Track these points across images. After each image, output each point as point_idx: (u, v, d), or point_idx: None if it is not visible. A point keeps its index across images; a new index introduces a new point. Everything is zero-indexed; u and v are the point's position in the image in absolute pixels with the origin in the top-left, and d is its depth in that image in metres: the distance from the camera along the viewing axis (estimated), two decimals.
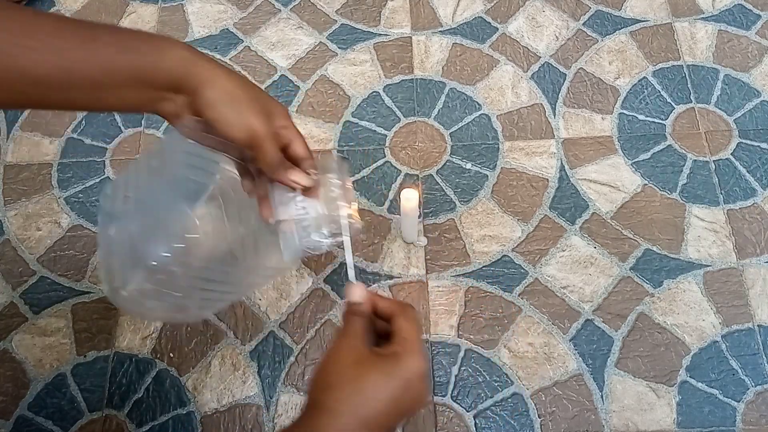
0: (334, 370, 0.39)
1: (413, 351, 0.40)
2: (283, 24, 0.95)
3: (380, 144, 0.85)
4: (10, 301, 0.77)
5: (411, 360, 0.39)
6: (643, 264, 0.76)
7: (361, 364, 0.39)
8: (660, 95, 0.87)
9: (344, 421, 0.37)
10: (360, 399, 0.38)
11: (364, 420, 0.37)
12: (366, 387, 0.38)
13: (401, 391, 0.38)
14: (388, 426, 0.39)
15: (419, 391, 0.40)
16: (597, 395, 0.70)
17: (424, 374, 0.40)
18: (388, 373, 0.39)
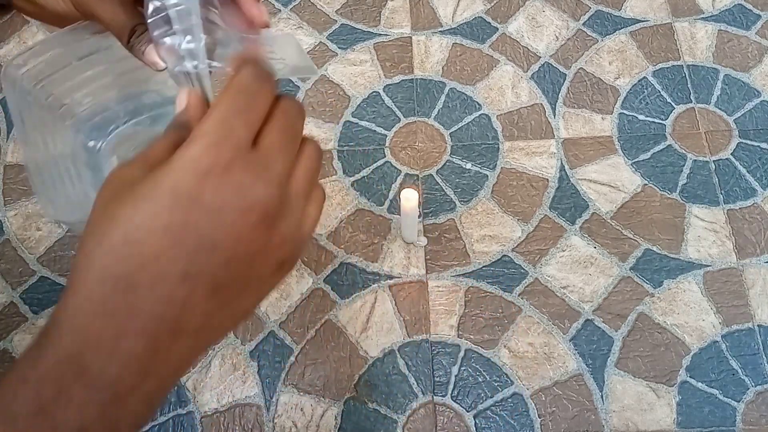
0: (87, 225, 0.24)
1: (193, 139, 0.23)
2: (283, 24, 0.95)
3: (380, 144, 0.85)
4: (10, 301, 0.77)
5: (183, 155, 0.22)
6: (643, 264, 0.76)
7: (115, 199, 0.23)
8: (660, 95, 0.87)
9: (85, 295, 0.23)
10: (103, 252, 0.22)
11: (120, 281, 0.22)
12: (111, 230, 0.22)
13: (174, 213, 0.22)
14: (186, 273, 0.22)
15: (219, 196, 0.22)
16: (597, 395, 0.70)
17: (217, 169, 0.22)
18: (144, 195, 0.22)
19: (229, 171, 0.22)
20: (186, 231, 0.22)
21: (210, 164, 0.22)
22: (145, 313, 0.22)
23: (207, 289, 0.23)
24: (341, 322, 0.74)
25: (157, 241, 0.22)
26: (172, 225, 0.22)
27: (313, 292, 0.76)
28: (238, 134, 0.23)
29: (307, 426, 0.70)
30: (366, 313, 0.75)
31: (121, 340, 0.22)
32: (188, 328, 0.23)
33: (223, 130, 0.23)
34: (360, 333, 0.74)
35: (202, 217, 0.22)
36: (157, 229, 0.22)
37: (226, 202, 0.22)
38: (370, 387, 0.71)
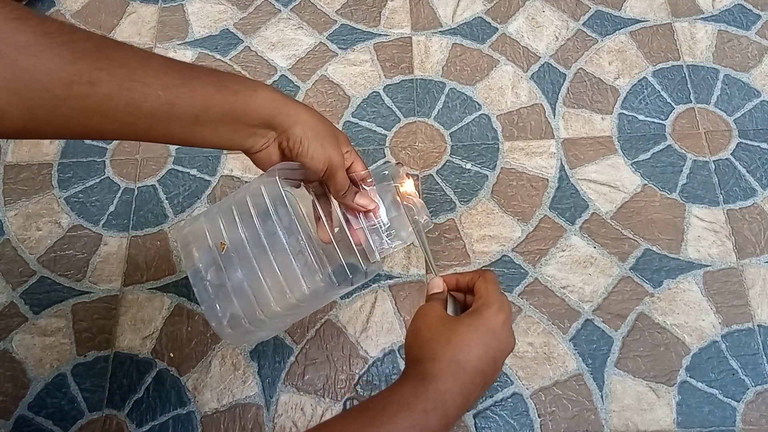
0: (425, 329, 0.46)
1: (491, 303, 0.46)
2: (283, 24, 0.95)
3: (380, 144, 0.85)
4: (10, 301, 0.77)
5: (490, 311, 0.46)
6: (642, 264, 0.76)
7: (448, 321, 0.46)
8: (660, 95, 0.87)
9: (443, 365, 0.43)
10: (452, 347, 0.44)
11: (462, 363, 0.43)
12: (455, 337, 0.44)
13: (488, 338, 0.44)
14: (484, 371, 0.44)
15: (504, 337, 0.46)
16: (597, 395, 0.70)
17: (504, 322, 0.46)
18: (472, 325, 0.45)
19: (507, 323, 0.46)
20: (490, 349, 0.45)
21: (501, 318, 0.46)
22: (465, 384, 0.43)
23: (483, 383, 0.44)
24: (341, 322, 0.74)
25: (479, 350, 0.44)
26: (485, 344, 0.45)
27: None
28: (505, 304, 0.47)
29: (307, 426, 0.70)
30: (366, 313, 0.75)
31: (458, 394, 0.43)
32: (470, 400, 0.44)
33: (501, 302, 0.47)
34: (360, 333, 0.74)
35: (495, 344, 0.45)
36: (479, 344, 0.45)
37: (504, 340, 0.46)
38: (370, 387, 0.71)
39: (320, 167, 0.48)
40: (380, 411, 0.41)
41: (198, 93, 0.42)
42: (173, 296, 0.77)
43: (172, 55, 0.93)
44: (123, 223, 0.81)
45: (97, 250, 0.80)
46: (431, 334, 0.45)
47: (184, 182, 0.84)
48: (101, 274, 0.78)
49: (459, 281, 0.51)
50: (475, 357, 0.44)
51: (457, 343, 0.44)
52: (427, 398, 0.41)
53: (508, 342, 0.46)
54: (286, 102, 0.46)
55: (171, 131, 0.42)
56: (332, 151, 0.48)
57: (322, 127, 0.48)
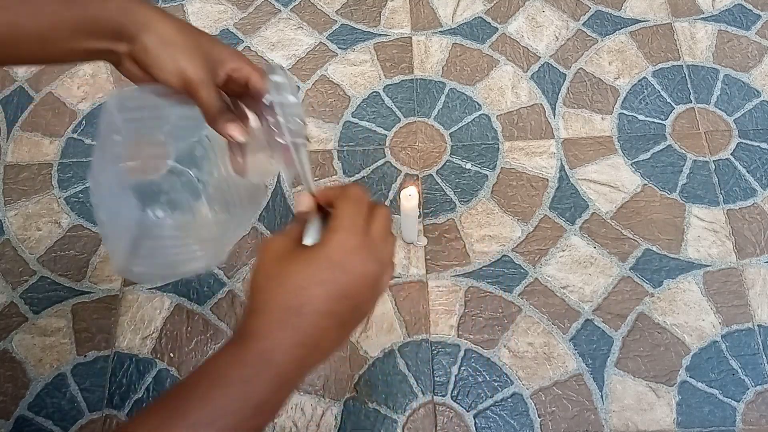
0: (260, 272, 0.38)
1: (339, 228, 0.37)
2: (283, 24, 0.95)
3: (380, 144, 0.85)
4: (10, 301, 0.77)
5: (336, 238, 0.37)
6: (642, 264, 0.76)
7: (284, 258, 0.37)
8: (660, 95, 0.87)
9: (271, 317, 0.36)
10: (284, 291, 0.36)
11: (293, 309, 0.36)
12: (288, 279, 0.36)
13: (331, 273, 0.36)
14: (332, 311, 0.36)
15: (357, 266, 0.37)
16: (597, 395, 0.70)
17: (356, 249, 0.37)
18: (308, 258, 0.37)
19: (359, 250, 0.37)
20: (334, 285, 0.36)
21: (351, 245, 0.37)
22: (306, 333, 0.36)
23: (338, 323, 0.37)
24: None
25: (318, 289, 0.36)
26: (326, 280, 0.36)
27: None
28: (361, 227, 0.38)
29: (307, 426, 0.70)
30: None
31: (293, 347, 0.36)
32: (321, 347, 0.37)
33: (351, 224, 0.37)
34: (360, 333, 0.74)
35: (343, 277, 0.36)
36: (317, 282, 0.36)
37: (357, 270, 0.37)
38: (370, 387, 0.71)
39: (173, 82, 0.42)
40: (190, 393, 0.34)
41: (42, 10, 0.39)
42: (173, 296, 0.77)
43: None
44: None
45: (97, 250, 0.80)
46: (263, 278, 0.38)
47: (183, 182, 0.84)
48: (101, 274, 0.78)
49: (328, 197, 0.41)
50: (315, 298, 0.36)
51: (290, 286, 0.36)
52: (245, 364, 0.35)
53: (365, 269, 0.37)
54: (138, 9, 0.41)
55: (21, 53, 0.40)
56: (187, 63, 0.41)
57: (181, 37, 0.42)
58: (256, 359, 0.35)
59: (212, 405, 0.34)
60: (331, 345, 0.38)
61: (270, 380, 0.35)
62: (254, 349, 0.35)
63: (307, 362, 0.37)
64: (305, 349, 0.36)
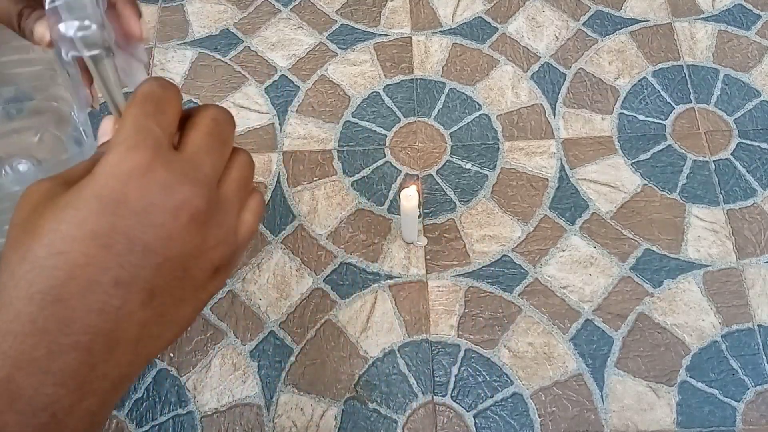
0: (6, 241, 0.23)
1: (113, 144, 0.22)
2: (283, 24, 0.95)
3: (380, 144, 0.85)
4: None
5: (106, 161, 0.22)
6: (643, 264, 0.76)
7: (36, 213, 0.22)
8: (660, 95, 0.87)
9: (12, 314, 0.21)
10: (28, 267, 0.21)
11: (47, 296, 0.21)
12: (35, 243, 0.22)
13: (101, 218, 0.21)
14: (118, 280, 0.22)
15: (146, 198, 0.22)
16: (597, 395, 0.70)
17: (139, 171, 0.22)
18: (67, 204, 0.22)
19: (152, 171, 0.22)
20: (114, 235, 0.22)
21: (131, 166, 0.22)
22: (78, 326, 0.21)
23: (142, 296, 0.22)
24: (341, 322, 0.74)
25: (85, 249, 0.21)
26: (99, 230, 0.21)
27: (313, 292, 0.76)
28: (154, 135, 0.23)
29: (307, 426, 0.70)
30: (366, 313, 0.75)
31: (55, 358, 0.21)
32: (125, 339, 0.22)
33: (137, 133, 0.22)
34: (360, 333, 0.74)
35: (129, 219, 0.22)
36: (84, 237, 0.21)
37: (153, 202, 0.22)
38: (370, 387, 0.71)
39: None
40: None
41: None
42: None
43: (173, 56, 0.93)
44: None
45: None
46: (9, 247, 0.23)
47: None
48: None
49: None
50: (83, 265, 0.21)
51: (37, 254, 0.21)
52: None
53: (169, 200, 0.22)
54: None
55: None
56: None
57: None
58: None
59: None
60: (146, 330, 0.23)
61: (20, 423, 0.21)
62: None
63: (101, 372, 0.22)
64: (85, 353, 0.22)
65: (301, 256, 0.78)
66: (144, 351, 0.23)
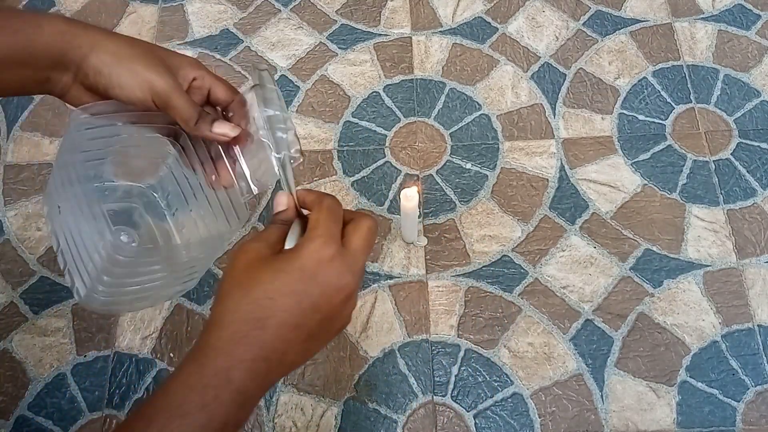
0: (227, 280, 0.35)
1: (315, 237, 0.35)
2: (283, 24, 0.95)
3: (380, 144, 0.85)
4: (10, 301, 0.77)
5: (312, 247, 0.34)
6: (643, 264, 0.76)
7: (254, 267, 0.35)
8: (660, 95, 0.87)
9: (232, 330, 0.34)
10: (249, 302, 0.34)
11: (257, 321, 0.33)
12: (255, 288, 0.34)
13: (303, 284, 0.34)
14: (299, 324, 0.34)
15: (330, 277, 0.34)
16: (597, 395, 0.70)
17: (330, 260, 0.34)
18: (280, 269, 0.34)
19: (334, 261, 0.35)
20: (304, 296, 0.34)
21: (323, 255, 0.34)
22: (269, 346, 0.34)
23: (306, 336, 0.35)
24: None
25: (285, 300, 0.34)
26: (296, 291, 0.34)
27: None
28: (336, 237, 0.36)
29: (307, 426, 0.70)
30: (366, 313, 0.75)
31: (254, 362, 0.33)
32: (287, 360, 0.35)
33: (328, 233, 0.35)
34: (360, 333, 0.74)
35: (315, 289, 0.34)
36: (287, 293, 0.34)
37: (331, 282, 0.35)
38: (370, 387, 0.71)
39: (139, 96, 0.39)
40: (149, 425, 0.32)
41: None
42: None
43: None
44: None
45: None
46: (230, 285, 0.35)
47: None
48: None
49: (306, 201, 0.39)
50: (282, 310, 0.34)
51: (256, 295, 0.34)
52: (204, 387, 0.32)
53: (338, 283, 0.35)
54: (78, 32, 0.38)
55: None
56: (151, 74, 0.38)
57: (135, 50, 0.39)
58: (215, 379, 0.33)
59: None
60: (297, 358, 0.36)
61: (231, 400, 0.33)
62: (212, 368, 0.33)
63: (271, 377, 0.35)
64: (268, 363, 0.34)
65: None
66: (289, 370, 0.36)
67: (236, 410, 0.33)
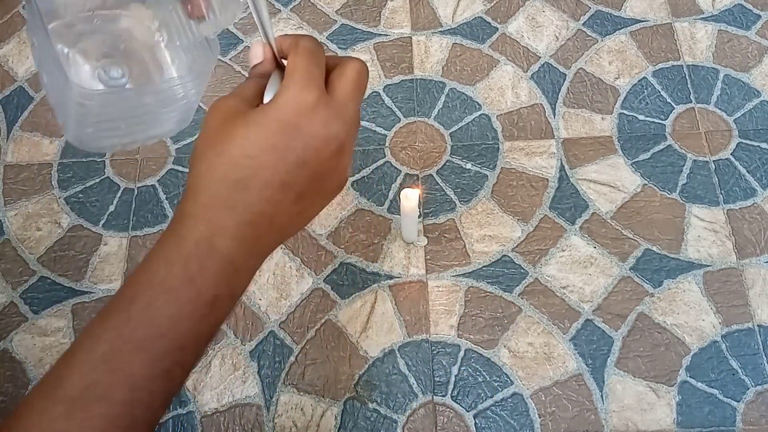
0: (200, 142, 0.32)
1: (290, 84, 0.31)
2: (283, 24, 0.95)
3: (380, 144, 0.85)
4: (10, 301, 0.77)
5: (285, 95, 0.31)
6: (643, 264, 0.76)
7: (228, 123, 0.31)
8: (660, 95, 0.87)
9: (211, 195, 0.31)
10: (225, 161, 0.31)
11: (238, 183, 0.30)
12: (230, 146, 0.31)
13: (284, 136, 0.30)
14: (285, 182, 0.31)
15: (315, 129, 0.31)
16: (597, 395, 0.70)
17: (313, 107, 0.31)
18: (256, 121, 0.31)
19: (317, 108, 0.31)
20: (287, 151, 0.31)
21: (303, 101, 0.31)
22: (254, 209, 0.31)
23: (295, 196, 0.32)
24: (341, 322, 0.74)
25: (266, 156, 0.30)
26: (277, 145, 0.30)
27: (313, 292, 0.76)
28: (318, 81, 0.32)
29: (307, 426, 0.70)
30: (366, 313, 0.75)
31: (239, 227, 0.31)
32: (277, 224, 0.32)
33: (307, 79, 0.31)
34: (360, 333, 0.74)
35: (298, 141, 0.31)
36: (267, 148, 0.30)
37: (316, 131, 0.31)
38: (370, 387, 0.71)
39: None
40: (131, 306, 0.30)
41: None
42: None
43: None
44: (123, 223, 0.81)
45: (97, 250, 0.80)
46: (204, 146, 0.32)
47: (184, 182, 0.84)
48: (101, 274, 0.78)
49: (283, 48, 0.35)
50: (263, 168, 0.30)
51: (234, 154, 0.30)
52: (186, 259, 0.30)
53: (326, 132, 0.31)
54: None
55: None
56: None
57: None
58: (197, 249, 0.30)
59: (159, 315, 0.30)
60: (289, 222, 0.33)
61: (218, 270, 0.30)
62: (192, 238, 0.30)
63: (262, 243, 0.32)
64: (256, 228, 0.31)
65: (301, 256, 0.78)
66: (284, 235, 0.33)
67: (227, 281, 0.31)
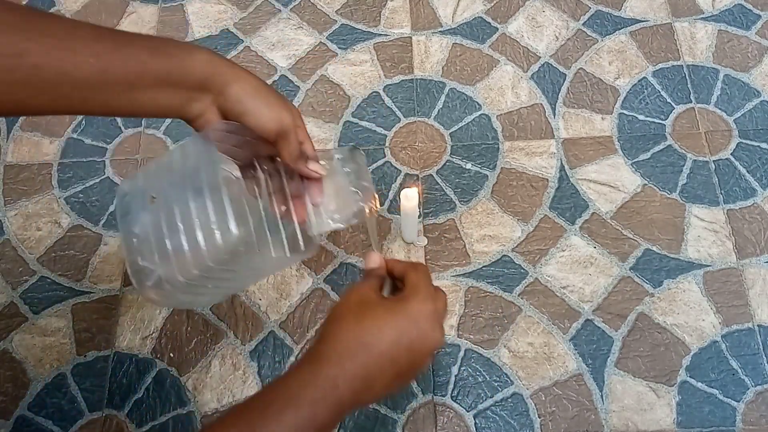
0: (339, 309, 0.43)
1: (418, 294, 0.43)
2: (283, 24, 0.95)
3: (380, 144, 0.85)
4: (10, 301, 0.77)
5: (416, 300, 0.43)
6: (643, 264, 0.76)
7: (366, 303, 0.43)
8: (660, 95, 0.87)
9: (344, 346, 0.40)
10: (361, 327, 0.41)
11: (366, 345, 0.40)
12: (367, 318, 0.41)
13: (406, 325, 0.41)
14: (395, 358, 0.41)
15: (426, 328, 0.42)
16: (597, 395, 0.70)
17: (430, 315, 0.43)
18: (391, 309, 0.42)
19: (432, 316, 0.43)
20: (405, 335, 0.41)
21: (425, 308, 0.43)
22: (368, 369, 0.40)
23: (394, 373, 0.41)
24: None
25: (390, 333, 0.41)
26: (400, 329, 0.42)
27: (313, 292, 0.76)
28: (433, 297, 0.44)
29: None
30: None
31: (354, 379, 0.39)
32: (374, 388, 0.41)
33: (429, 294, 0.44)
34: None
35: (414, 332, 0.42)
36: (392, 327, 0.41)
37: (427, 331, 0.42)
38: None
39: (271, 127, 0.46)
40: (266, 409, 0.38)
41: (132, 59, 0.41)
42: None
43: None
44: None
45: (97, 250, 0.80)
46: (344, 311, 0.43)
47: None
48: (101, 274, 0.78)
49: (393, 267, 0.48)
50: (385, 341, 0.41)
51: (367, 324, 0.41)
52: (316, 386, 0.38)
53: (432, 335, 0.43)
54: (224, 63, 0.45)
55: (107, 100, 0.41)
56: (282, 112, 0.46)
57: (266, 89, 0.46)
58: (326, 383, 0.39)
59: (285, 424, 0.37)
60: (381, 390, 0.41)
61: (332, 404, 0.38)
62: (324, 374, 0.39)
63: (360, 398, 0.40)
64: (363, 383, 0.40)
65: None
66: (365, 402, 0.42)
67: (333, 416, 0.39)
